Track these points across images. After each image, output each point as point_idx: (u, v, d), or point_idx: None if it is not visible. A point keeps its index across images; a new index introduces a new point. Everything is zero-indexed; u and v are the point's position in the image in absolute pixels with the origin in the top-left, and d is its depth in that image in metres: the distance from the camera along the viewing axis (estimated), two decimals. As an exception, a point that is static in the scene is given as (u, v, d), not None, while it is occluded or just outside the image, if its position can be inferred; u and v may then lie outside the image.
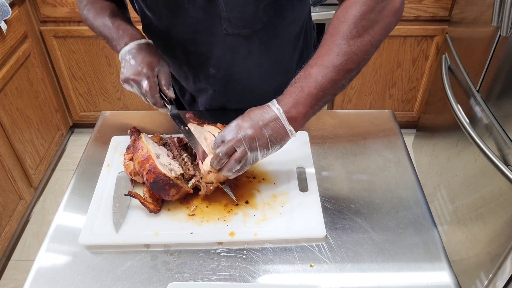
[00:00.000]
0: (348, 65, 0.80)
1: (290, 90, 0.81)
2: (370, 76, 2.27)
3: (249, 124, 0.79)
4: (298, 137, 1.01)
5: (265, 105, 0.82)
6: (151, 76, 0.92)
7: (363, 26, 0.79)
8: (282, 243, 0.83)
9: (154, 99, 0.93)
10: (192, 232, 0.83)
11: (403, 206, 0.90)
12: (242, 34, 0.96)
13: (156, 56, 0.95)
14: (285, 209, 0.87)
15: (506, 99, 1.37)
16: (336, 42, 0.79)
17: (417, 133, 2.33)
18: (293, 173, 0.95)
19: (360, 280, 0.77)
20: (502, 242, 1.33)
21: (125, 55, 0.94)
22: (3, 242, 1.85)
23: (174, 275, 0.78)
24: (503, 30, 1.34)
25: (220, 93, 1.11)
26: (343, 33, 0.79)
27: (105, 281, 0.78)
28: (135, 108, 2.45)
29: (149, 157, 0.86)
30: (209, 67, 1.05)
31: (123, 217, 0.86)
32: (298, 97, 0.79)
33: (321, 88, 0.79)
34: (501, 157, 1.35)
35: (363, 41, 0.79)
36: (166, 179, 0.83)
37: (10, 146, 1.92)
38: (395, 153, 1.02)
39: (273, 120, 0.79)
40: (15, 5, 1.93)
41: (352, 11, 0.79)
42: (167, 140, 0.98)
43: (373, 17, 0.79)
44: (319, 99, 0.80)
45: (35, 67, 2.12)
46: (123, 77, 0.94)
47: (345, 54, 0.79)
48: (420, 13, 2.05)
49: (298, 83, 0.81)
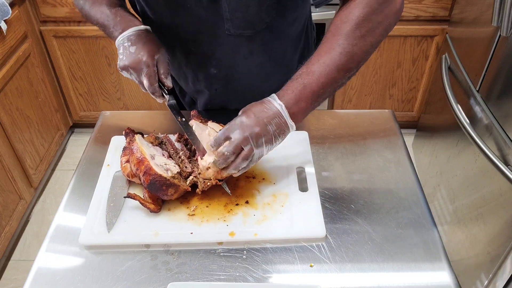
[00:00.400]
0: (350, 64, 0.82)
1: (292, 86, 0.82)
2: (370, 76, 2.27)
3: (254, 122, 0.79)
4: (298, 137, 1.02)
5: (265, 100, 0.82)
6: (151, 65, 0.90)
7: (365, 27, 0.80)
8: (282, 243, 0.83)
9: (152, 88, 0.91)
10: (192, 232, 0.83)
11: (403, 206, 0.90)
12: (244, 34, 0.96)
13: (155, 43, 0.93)
14: (285, 209, 0.87)
15: (506, 99, 1.37)
16: (339, 42, 0.81)
17: (417, 133, 2.33)
18: (293, 173, 0.95)
19: (360, 280, 0.77)
20: (502, 242, 1.33)
21: (124, 41, 0.92)
22: (3, 242, 1.85)
23: (174, 275, 0.78)
24: (503, 30, 1.34)
25: (220, 93, 1.11)
26: (346, 33, 0.80)
27: (105, 281, 0.78)
28: (135, 108, 2.45)
29: (144, 159, 0.86)
30: (209, 68, 1.04)
31: (116, 217, 0.86)
32: (300, 93, 0.81)
33: (322, 85, 0.81)
34: (501, 157, 1.35)
35: (365, 42, 0.81)
36: (163, 179, 0.83)
37: (10, 146, 1.92)
38: (395, 153, 1.02)
39: (276, 116, 0.80)
40: (15, 5, 1.93)
41: (355, 12, 0.80)
42: (163, 139, 0.98)
43: (375, 18, 0.81)
44: (319, 96, 0.82)
45: (35, 67, 2.12)
46: (121, 64, 0.92)
47: (347, 54, 0.80)
48: (420, 13, 2.05)
49: (300, 79, 0.82)
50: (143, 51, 0.91)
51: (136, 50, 0.91)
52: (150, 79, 0.90)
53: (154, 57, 0.91)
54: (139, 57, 0.90)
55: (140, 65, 0.90)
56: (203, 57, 1.03)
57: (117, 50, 0.93)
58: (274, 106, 0.80)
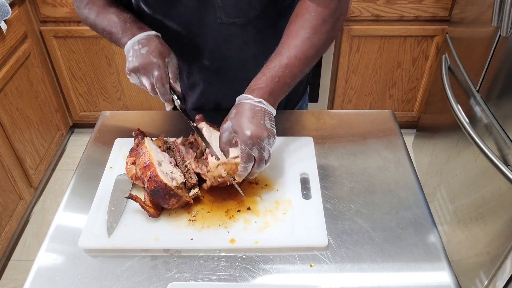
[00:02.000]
0: (316, 55, 0.91)
1: (266, 80, 0.87)
2: (370, 76, 2.27)
3: (254, 126, 0.83)
4: (303, 142, 1.01)
5: (244, 103, 0.85)
6: (162, 66, 0.91)
7: (329, 20, 0.90)
8: (283, 251, 0.82)
9: (163, 89, 0.91)
10: (192, 238, 0.82)
11: (403, 206, 0.90)
12: (236, 23, 0.96)
13: (166, 47, 0.94)
14: (287, 217, 0.86)
15: (506, 99, 1.37)
16: (307, 35, 0.88)
17: (417, 133, 2.33)
18: (296, 179, 0.93)
19: (360, 280, 0.77)
20: (502, 242, 1.33)
21: (134, 45, 0.92)
22: (3, 242, 1.85)
23: (174, 275, 0.78)
24: (503, 30, 1.34)
25: (213, 86, 1.11)
26: (313, 26, 0.88)
27: (105, 281, 0.77)
28: (135, 108, 2.45)
29: (151, 164, 0.85)
30: (203, 59, 1.04)
31: (116, 221, 0.85)
32: (274, 86, 0.87)
33: (294, 77, 0.89)
34: (501, 157, 1.35)
35: (327, 34, 0.90)
36: (167, 188, 0.82)
37: (10, 146, 1.92)
38: (395, 153, 1.02)
39: (263, 112, 0.85)
40: (15, 5, 1.93)
41: (320, 4, 0.88)
42: (171, 145, 0.96)
43: (337, 9, 0.90)
44: (290, 86, 0.90)
45: (35, 67, 2.12)
46: (131, 66, 0.92)
47: (315, 46, 0.89)
48: (420, 13, 2.05)
49: (274, 72, 0.87)
50: (154, 52, 0.91)
51: (147, 52, 0.91)
52: (162, 80, 0.90)
53: (165, 59, 0.92)
54: (150, 58, 0.90)
55: (151, 66, 0.90)
56: (196, 49, 1.02)
57: (126, 54, 0.94)
58: (255, 106, 0.84)
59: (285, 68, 0.87)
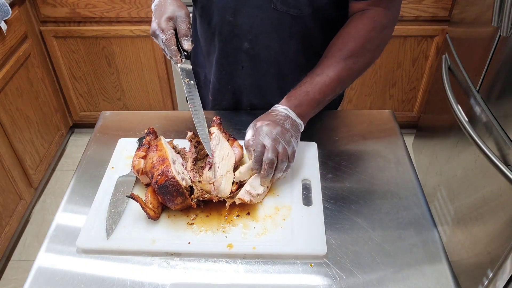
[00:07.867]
0: (350, 78, 0.97)
1: (295, 93, 0.93)
2: (370, 76, 2.27)
3: (273, 125, 0.87)
4: (306, 147, 1.00)
5: (270, 111, 0.92)
6: (166, 29, 0.91)
7: (368, 48, 0.95)
8: (281, 258, 0.81)
9: (170, 51, 0.92)
10: (189, 241, 0.81)
11: (403, 206, 0.90)
12: (289, 12, 0.96)
13: (176, 6, 0.93)
14: (287, 223, 0.84)
15: (506, 99, 1.37)
16: (343, 56, 0.94)
17: (417, 133, 2.33)
18: (298, 185, 0.92)
19: (360, 280, 0.77)
20: (502, 242, 1.33)
21: (152, 9, 0.96)
22: (3, 242, 1.85)
23: (174, 275, 0.78)
24: (503, 31, 1.34)
25: (244, 73, 1.09)
26: (351, 50, 0.94)
27: (105, 281, 0.77)
28: (135, 108, 2.45)
29: (165, 159, 0.85)
30: (243, 41, 1.03)
31: (116, 223, 0.84)
32: (303, 99, 0.92)
33: (324, 94, 0.94)
34: (501, 157, 1.35)
35: (365, 60, 0.97)
36: (178, 185, 0.82)
37: (10, 146, 1.92)
38: (395, 153, 1.02)
39: (287, 117, 0.90)
40: (15, 5, 1.93)
41: (362, 30, 0.94)
42: (180, 150, 0.96)
43: (378, 38, 0.97)
44: (319, 103, 0.95)
45: (35, 67, 2.12)
46: (150, 31, 0.96)
47: (350, 69, 0.94)
48: (420, 13, 2.05)
49: (304, 87, 0.93)
50: (164, 14, 0.92)
51: (156, 16, 0.93)
52: (167, 43, 0.91)
53: (171, 20, 0.92)
54: (157, 22, 0.92)
55: (159, 30, 0.92)
56: (239, 29, 1.01)
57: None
58: (280, 112, 0.91)
59: (316, 84, 0.93)
